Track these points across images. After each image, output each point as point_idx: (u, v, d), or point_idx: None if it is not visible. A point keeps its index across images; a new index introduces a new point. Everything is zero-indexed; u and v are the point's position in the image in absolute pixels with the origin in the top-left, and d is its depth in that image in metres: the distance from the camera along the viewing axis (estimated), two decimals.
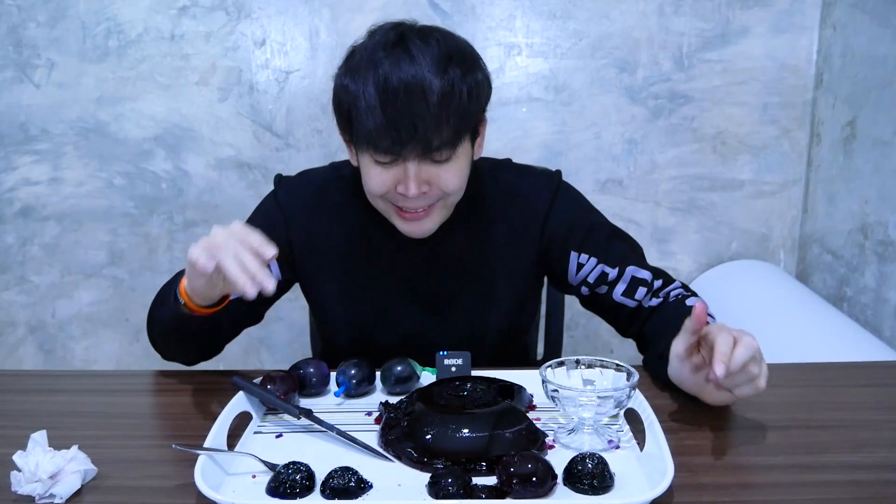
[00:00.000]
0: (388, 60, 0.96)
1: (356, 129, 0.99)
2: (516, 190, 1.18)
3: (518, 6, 1.97)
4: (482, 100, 1.03)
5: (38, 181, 2.09)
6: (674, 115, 2.02)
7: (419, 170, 1.00)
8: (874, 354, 1.43)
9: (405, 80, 0.95)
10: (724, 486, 0.79)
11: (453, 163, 1.02)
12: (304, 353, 1.37)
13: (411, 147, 0.97)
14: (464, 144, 1.03)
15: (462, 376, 0.99)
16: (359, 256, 1.19)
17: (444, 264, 1.17)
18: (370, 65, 0.97)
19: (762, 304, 1.80)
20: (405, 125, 0.95)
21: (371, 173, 1.03)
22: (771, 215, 2.09)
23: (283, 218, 1.19)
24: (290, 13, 1.98)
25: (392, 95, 0.95)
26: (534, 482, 0.75)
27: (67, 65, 2.01)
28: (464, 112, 0.99)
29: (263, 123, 2.04)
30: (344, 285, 1.20)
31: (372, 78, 0.96)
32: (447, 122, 0.97)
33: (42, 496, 0.76)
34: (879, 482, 0.79)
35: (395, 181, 1.01)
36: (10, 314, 2.19)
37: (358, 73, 0.98)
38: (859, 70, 1.78)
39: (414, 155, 0.98)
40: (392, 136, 0.96)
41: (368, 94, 0.96)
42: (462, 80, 0.98)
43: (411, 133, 0.96)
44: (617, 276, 1.15)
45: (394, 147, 0.97)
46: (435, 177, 1.02)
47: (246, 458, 0.83)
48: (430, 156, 0.99)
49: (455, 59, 0.99)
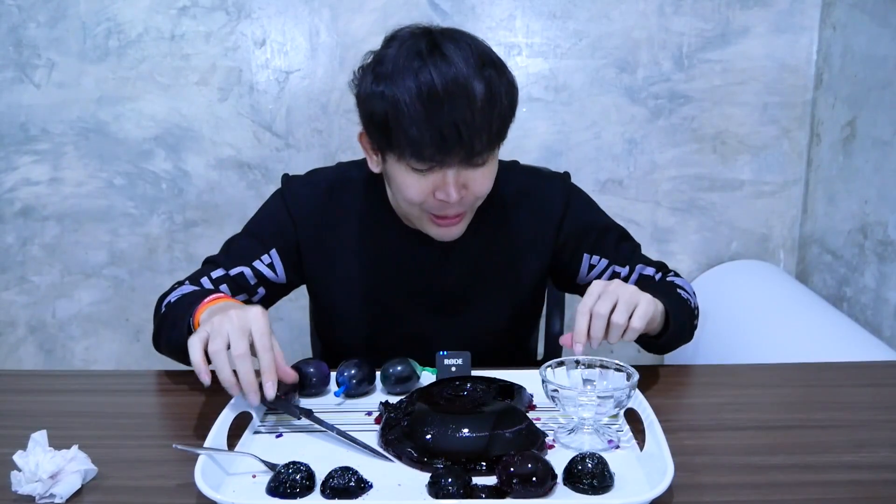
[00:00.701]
0: (427, 67, 0.94)
1: (397, 138, 0.96)
2: (529, 192, 1.19)
3: (518, 6, 1.97)
4: (515, 106, 1.02)
5: (39, 181, 2.09)
6: (674, 115, 2.02)
7: (458, 175, 0.99)
8: (874, 354, 1.43)
9: (448, 87, 0.93)
10: (724, 486, 0.79)
11: (488, 166, 1.02)
12: (304, 353, 1.37)
13: (455, 154, 0.96)
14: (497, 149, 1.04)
15: (462, 376, 0.99)
16: (368, 258, 1.18)
17: (455, 265, 1.18)
18: (408, 72, 0.95)
19: (762, 304, 1.80)
20: (451, 133, 0.94)
21: (408, 182, 1.01)
22: (771, 215, 2.09)
23: (291, 219, 1.18)
24: (290, 13, 1.98)
25: (437, 103, 0.93)
26: (534, 482, 0.75)
27: (67, 65, 2.01)
28: (505, 115, 0.99)
29: (263, 123, 2.04)
30: (354, 287, 1.20)
31: (414, 85, 0.93)
32: (489, 127, 0.96)
33: (42, 496, 0.76)
34: (879, 482, 0.79)
35: (434, 188, 1.00)
36: (10, 314, 2.20)
37: (394, 81, 0.95)
38: (859, 70, 1.78)
39: (456, 161, 0.97)
40: (437, 144, 0.95)
41: (411, 102, 0.93)
42: (499, 82, 0.97)
43: (456, 140, 0.94)
44: (628, 274, 1.20)
45: (438, 155, 0.96)
46: (471, 181, 1.01)
47: (246, 458, 0.83)
48: (471, 161, 0.98)
49: (487, 61, 0.98)
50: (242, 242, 1.20)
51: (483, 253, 1.18)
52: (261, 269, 1.17)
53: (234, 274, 1.16)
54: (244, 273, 1.16)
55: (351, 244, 1.18)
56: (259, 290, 1.19)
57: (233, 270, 1.16)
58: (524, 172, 1.23)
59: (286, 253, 1.18)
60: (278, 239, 1.18)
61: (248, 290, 1.18)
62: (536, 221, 1.18)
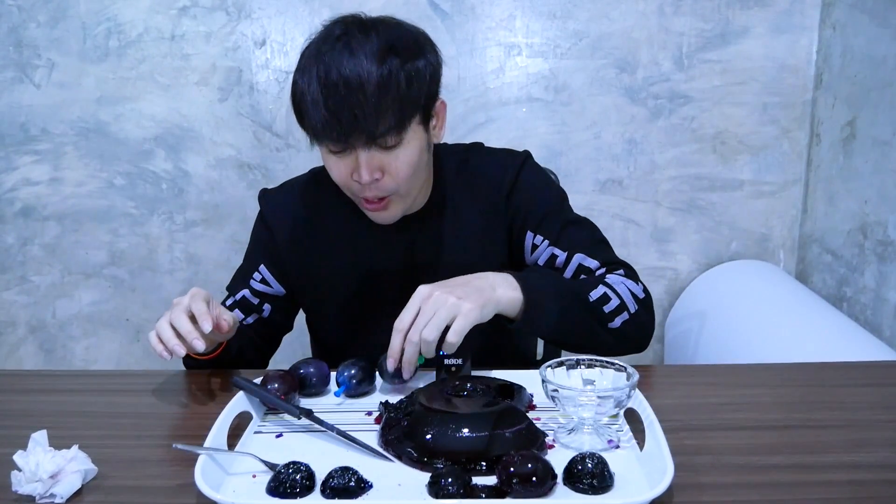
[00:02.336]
0: (329, 55, 1.00)
1: (307, 122, 1.03)
2: (483, 171, 1.21)
3: (518, 6, 1.97)
4: (425, 85, 1.05)
5: (39, 181, 2.09)
6: (674, 115, 2.02)
7: (369, 157, 1.03)
8: (874, 354, 1.43)
9: (344, 74, 0.98)
10: (724, 486, 0.79)
11: (403, 149, 1.05)
12: (304, 353, 1.37)
13: (356, 136, 1.01)
14: (412, 130, 1.05)
15: (462, 376, 0.99)
16: (342, 255, 1.21)
17: (424, 254, 1.20)
18: (314, 59, 1.02)
19: (762, 304, 1.80)
20: (346, 117, 0.99)
21: (330, 164, 1.07)
22: (771, 215, 2.09)
23: (269, 232, 1.23)
24: (290, 13, 1.98)
25: (332, 89, 0.99)
26: (534, 482, 0.75)
27: (68, 65, 2.01)
28: (403, 99, 1.01)
29: (263, 123, 2.04)
30: (332, 286, 1.23)
31: (315, 72, 1.00)
32: (387, 111, 1.00)
33: (42, 496, 0.76)
34: (879, 482, 0.79)
35: (351, 169, 1.05)
36: (10, 314, 2.20)
37: (305, 69, 1.03)
38: (859, 70, 1.78)
39: (361, 143, 1.02)
40: (336, 129, 1.00)
41: (313, 89, 1.00)
42: (400, 69, 1.01)
43: (353, 124, 0.99)
44: (564, 261, 1.17)
45: (340, 137, 1.01)
46: (386, 164, 1.04)
47: (246, 458, 0.83)
48: (376, 143, 1.02)
49: (395, 49, 1.02)
50: (241, 266, 1.27)
51: (447, 238, 1.20)
52: (257, 287, 1.23)
53: (238, 298, 1.23)
54: (245, 296, 1.23)
55: (325, 245, 1.22)
56: (265, 307, 1.24)
57: (238, 295, 1.23)
58: (482, 153, 1.24)
59: (273, 264, 1.23)
60: (263, 254, 1.24)
61: (255, 310, 1.24)
62: (489, 198, 1.19)
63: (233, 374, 1.06)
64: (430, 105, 1.09)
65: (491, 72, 2.00)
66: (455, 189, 1.20)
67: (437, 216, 1.19)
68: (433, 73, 1.07)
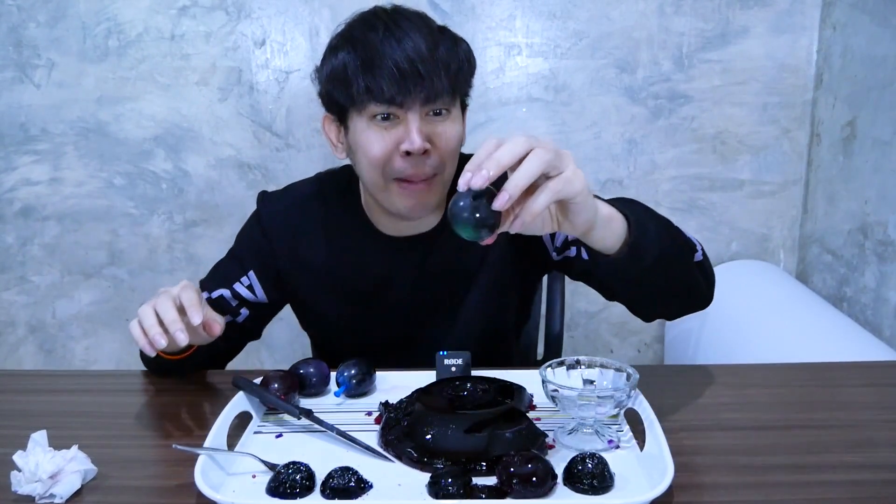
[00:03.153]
0: (383, 22, 0.99)
1: (355, 86, 0.98)
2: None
3: (518, 6, 1.97)
4: (472, 65, 1.05)
5: (39, 181, 2.09)
6: (674, 115, 2.02)
7: (421, 124, 1.00)
8: (874, 354, 1.43)
9: (407, 35, 0.97)
10: (724, 486, 0.79)
11: (452, 120, 1.03)
12: (304, 353, 1.37)
13: (414, 95, 0.97)
14: (457, 106, 1.05)
15: (462, 376, 0.99)
16: (346, 270, 1.18)
17: (432, 273, 1.16)
18: (364, 29, 1.00)
19: (762, 304, 1.80)
20: (409, 71, 0.96)
21: (371, 138, 1.01)
22: (771, 215, 2.09)
23: (266, 238, 1.19)
24: (290, 13, 1.98)
25: (395, 48, 0.96)
26: (534, 482, 0.75)
27: (67, 65, 2.01)
28: (460, 66, 1.01)
29: (263, 123, 2.04)
30: (334, 299, 1.20)
31: (370, 37, 0.98)
32: (447, 71, 0.98)
33: (42, 496, 0.76)
34: (879, 482, 0.79)
35: (397, 141, 1.00)
36: (10, 314, 2.20)
37: (350, 41, 1.00)
38: (859, 70, 1.78)
39: (416, 104, 0.98)
40: (396, 81, 0.96)
41: (371, 50, 0.97)
42: (455, 43, 1.02)
43: (415, 76, 0.96)
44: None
45: (398, 94, 0.97)
46: (435, 134, 1.02)
47: (246, 458, 0.83)
48: (431, 106, 1.00)
49: (444, 28, 1.03)
50: (225, 265, 1.22)
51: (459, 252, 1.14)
52: (240, 291, 1.19)
53: (214, 297, 1.17)
54: (223, 296, 1.18)
55: (328, 258, 1.18)
56: (242, 311, 1.20)
57: (214, 293, 1.18)
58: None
59: (264, 273, 1.19)
60: (255, 260, 1.20)
61: (231, 311, 1.19)
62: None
63: (232, 375, 1.06)
64: (468, 92, 1.08)
65: (491, 72, 2.00)
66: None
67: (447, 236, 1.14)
68: (474, 60, 1.06)
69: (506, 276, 1.19)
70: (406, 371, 1.06)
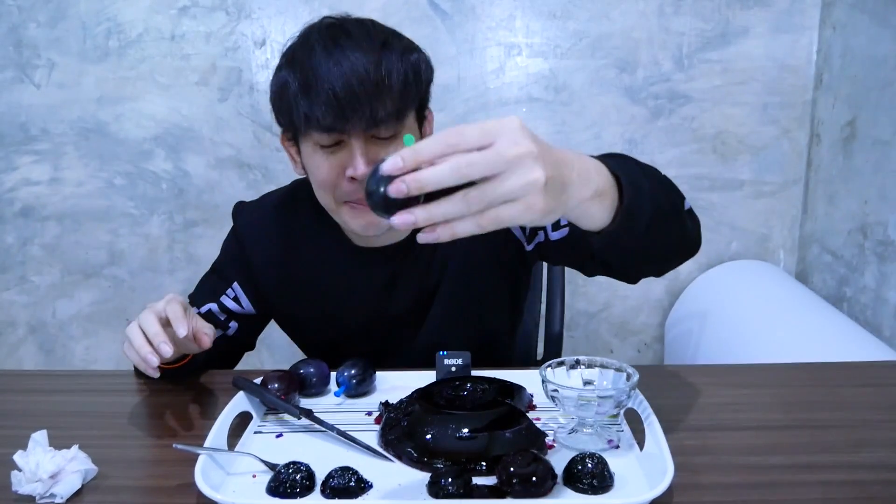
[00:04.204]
0: (324, 41, 0.96)
1: (298, 112, 0.96)
2: None
3: (518, 6, 1.97)
4: (421, 77, 1.01)
5: (39, 181, 2.09)
6: (674, 115, 2.02)
7: (365, 149, 0.97)
8: (874, 354, 1.43)
9: (346, 57, 0.94)
10: (724, 486, 0.79)
11: (399, 143, 0.99)
12: (304, 353, 1.37)
13: (356, 120, 0.94)
14: (409, 124, 1.01)
15: (462, 376, 0.99)
16: (319, 278, 1.17)
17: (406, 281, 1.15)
18: (305, 49, 0.98)
19: (762, 304, 1.80)
20: (348, 98, 0.93)
21: (317, 162, 1.00)
22: (771, 215, 2.09)
23: (242, 247, 1.19)
24: (290, 13, 1.98)
25: (334, 72, 0.93)
26: (534, 482, 0.75)
27: (68, 65, 2.01)
28: (405, 85, 0.97)
29: (263, 123, 2.04)
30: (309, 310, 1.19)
31: (309, 60, 0.95)
32: (389, 93, 0.95)
33: (42, 496, 0.76)
34: (879, 482, 0.79)
35: (342, 166, 0.99)
36: (10, 314, 2.20)
37: (293, 61, 0.98)
38: (859, 70, 1.78)
39: (359, 129, 0.95)
40: (335, 110, 0.93)
41: (307, 75, 0.95)
42: (400, 57, 0.97)
43: (355, 104, 0.93)
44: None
45: (338, 122, 0.94)
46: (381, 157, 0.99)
47: (246, 458, 0.83)
48: (375, 130, 0.96)
49: (391, 39, 0.99)
50: (209, 280, 1.22)
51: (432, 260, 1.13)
52: (227, 304, 1.19)
53: (203, 311, 1.17)
54: (212, 310, 1.18)
55: (303, 268, 1.17)
56: (231, 325, 1.20)
57: (203, 308, 1.18)
58: None
59: (246, 283, 1.19)
60: (236, 271, 1.19)
61: (221, 326, 1.19)
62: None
63: (232, 375, 1.06)
64: (424, 102, 1.05)
65: (491, 72, 2.00)
66: None
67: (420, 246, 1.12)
68: (427, 69, 1.02)
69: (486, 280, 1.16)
70: (406, 371, 1.06)
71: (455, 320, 1.17)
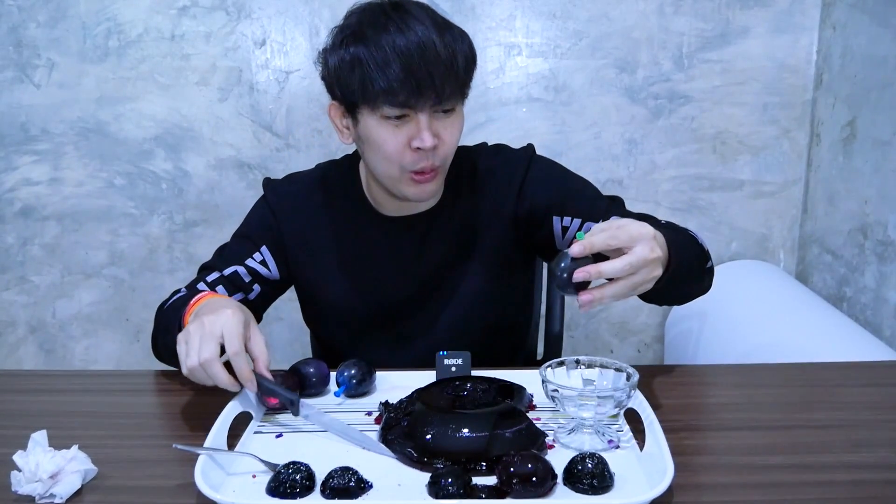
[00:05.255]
0: (393, 18, 1.01)
1: (369, 87, 1.01)
2: (492, 169, 1.21)
3: (518, 6, 1.97)
4: (475, 60, 1.08)
5: (39, 181, 2.09)
6: (674, 115, 2.02)
7: (430, 122, 1.04)
8: (874, 354, 1.43)
9: (417, 35, 1.00)
10: (724, 486, 0.79)
11: (456, 117, 1.08)
12: (304, 353, 1.37)
13: (426, 97, 1.01)
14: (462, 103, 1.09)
15: (462, 376, 0.99)
16: (348, 252, 1.21)
17: (432, 251, 1.20)
18: (376, 27, 1.02)
19: (762, 304, 1.80)
20: (422, 76, 0.99)
21: (383, 135, 1.05)
22: (771, 215, 2.09)
23: (275, 216, 1.22)
24: (290, 13, 1.98)
25: (406, 50, 0.99)
26: (534, 482, 0.75)
27: (68, 65, 2.01)
28: (468, 64, 1.04)
29: (263, 123, 2.04)
30: (337, 281, 1.22)
31: (383, 38, 1.00)
32: (455, 73, 1.02)
33: (42, 496, 0.76)
34: (879, 482, 0.79)
35: (409, 138, 1.05)
36: (10, 314, 2.20)
37: (365, 37, 1.02)
38: (859, 70, 1.78)
39: (427, 106, 1.02)
40: (410, 88, 1.00)
41: (382, 51, 1.00)
42: (461, 38, 1.05)
43: (429, 83, 1.00)
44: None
45: (410, 98, 1.01)
46: (442, 130, 1.06)
47: (246, 458, 0.83)
48: (440, 106, 1.04)
49: (447, 22, 1.06)
50: (233, 245, 1.24)
51: (456, 235, 1.20)
52: (254, 267, 1.21)
53: (228, 273, 1.19)
54: (238, 272, 1.20)
55: (332, 240, 1.21)
56: (255, 287, 1.21)
57: (227, 270, 1.19)
58: (489, 152, 1.25)
59: (276, 249, 1.22)
60: (266, 236, 1.22)
61: (244, 289, 1.21)
62: (499, 194, 1.19)
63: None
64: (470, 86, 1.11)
65: (491, 72, 2.00)
66: (464, 186, 1.20)
67: (446, 217, 1.19)
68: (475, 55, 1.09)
69: (509, 257, 1.22)
70: (406, 371, 1.07)
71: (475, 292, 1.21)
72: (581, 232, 0.93)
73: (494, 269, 1.21)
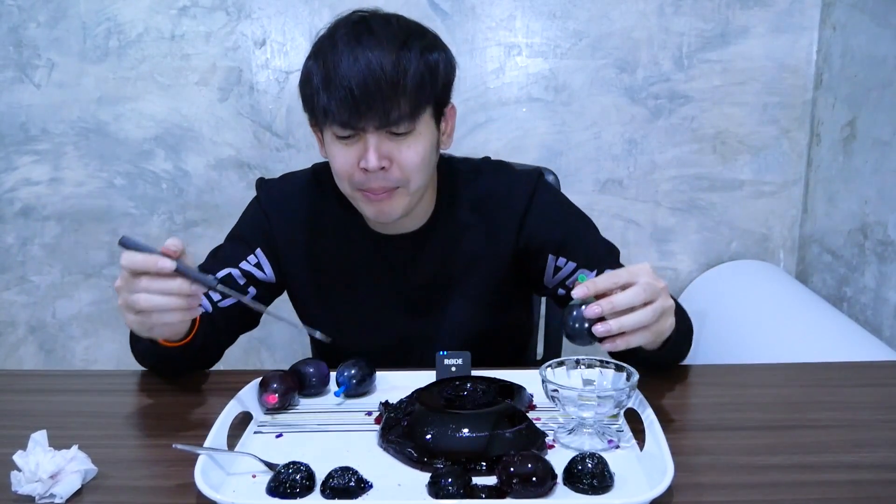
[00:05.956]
0: (347, 37, 1.00)
1: (317, 104, 1.01)
2: (494, 192, 1.17)
3: (518, 6, 1.97)
4: (441, 77, 1.04)
5: (39, 181, 2.09)
6: (674, 115, 2.02)
7: (379, 143, 1.01)
8: (874, 354, 1.43)
9: (365, 55, 0.98)
10: (724, 486, 0.79)
11: (414, 139, 1.03)
12: (304, 353, 1.37)
13: (369, 118, 0.98)
14: (425, 121, 1.04)
15: (462, 376, 0.99)
16: (338, 260, 1.19)
17: (422, 268, 1.17)
18: (330, 43, 1.01)
19: (762, 304, 1.80)
20: (363, 96, 0.97)
21: (334, 152, 1.05)
22: (771, 215, 2.09)
23: (267, 218, 1.21)
24: (290, 13, 1.98)
25: (352, 69, 0.97)
26: (534, 482, 0.75)
27: (68, 65, 2.01)
28: (420, 85, 1.00)
29: (263, 123, 2.04)
30: (324, 288, 1.21)
31: (332, 54, 0.99)
32: (402, 96, 0.98)
33: (42, 496, 0.76)
34: (879, 482, 0.79)
35: (358, 157, 1.02)
36: (10, 314, 2.19)
37: (319, 51, 1.02)
38: (859, 70, 1.78)
39: (372, 126, 0.99)
40: (350, 107, 0.98)
41: (327, 69, 0.99)
42: (420, 56, 1.00)
43: (369, 102, 0.97)
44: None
45: (352, 119, 0.99)
46: (395, 152, 1.02)
47: (246, 458, 0.83)
48: (388, 128, 1.00)
49: (414, 37, 1.02)
50: (227, 247, 1.22)
51: (449, 255, 1.17)
52: (248, 269, 1.19)
53: (221, 276, 1.16)
54: (231, 274, 1.17)
55: (320, 246, 1.20)
56: (249, 290, 1.19)
57: (220, 273, 1.17)
58: (492, 171, 1.20)
59: (270, 251, 1.20)
60: (260, 238, 1.20)
61: (239, 290, 1.17)
62: (499, 221, 1.16)
63: (232, 375, 1.06)
64: (442, 101, 1.07)
65: (491, 72, 2.00)
66: (462, 206, 1.17)
67: (440, 233, 1.16)
68: (447, 69, 1.05)
69: (496, 286, 1.19)
70: (406, 371, 1.06)
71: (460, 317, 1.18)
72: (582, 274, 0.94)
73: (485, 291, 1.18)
